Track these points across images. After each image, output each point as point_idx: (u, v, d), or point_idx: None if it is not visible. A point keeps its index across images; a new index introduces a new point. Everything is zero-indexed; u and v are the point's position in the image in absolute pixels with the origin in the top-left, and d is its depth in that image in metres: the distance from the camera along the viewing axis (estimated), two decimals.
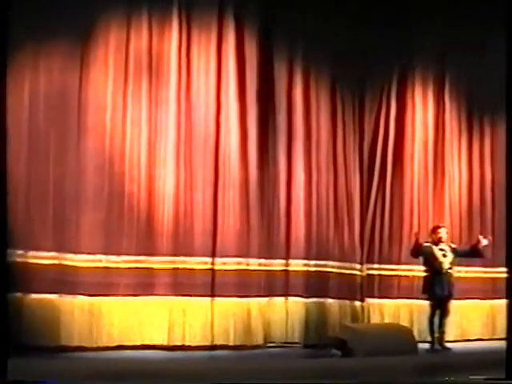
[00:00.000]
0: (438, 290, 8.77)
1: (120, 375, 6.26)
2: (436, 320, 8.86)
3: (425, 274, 9.00)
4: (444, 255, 8.86)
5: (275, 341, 8.80)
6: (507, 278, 6.62)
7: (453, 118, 10.42)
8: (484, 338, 10.06)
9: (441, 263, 8.82)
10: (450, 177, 10.29)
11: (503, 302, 9.88)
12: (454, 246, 9.08)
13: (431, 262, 8.86)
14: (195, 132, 8.67)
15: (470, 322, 10.11)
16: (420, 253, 8.91)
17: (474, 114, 10.59)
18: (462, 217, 10.31)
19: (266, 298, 8.82)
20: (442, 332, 8.86)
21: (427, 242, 8.94)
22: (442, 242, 8.93)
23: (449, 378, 6.84)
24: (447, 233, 9.10)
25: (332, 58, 9.64)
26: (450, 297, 8.89)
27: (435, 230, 9.07)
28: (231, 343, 8.50)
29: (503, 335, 9.76)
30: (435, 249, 8.88)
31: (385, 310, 9.65)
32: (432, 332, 8.84)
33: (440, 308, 8.87)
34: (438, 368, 7.37)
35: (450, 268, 8.87)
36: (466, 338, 9.94)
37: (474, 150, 10.55)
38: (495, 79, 10.27)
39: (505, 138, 10.47)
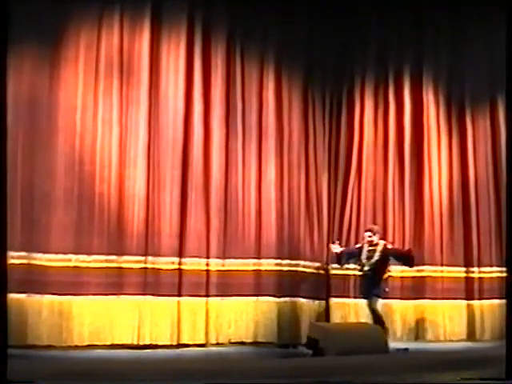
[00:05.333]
0: (363, 289, 8.92)
1: (90, 375, 6.27)
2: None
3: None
4: (369, 257, 8.88)
5: (246, 340, 8.81)
6: (507, 278, 6.60)
7: (431, 116, 10.34)
8: (465, 338, 10.02)
9: (362, 265, 8.91)
10: (428, 175, 10.20)
11: (488, 303, 10.01)
12: (390, 246, 9.09)
13: (353, 254, 9.04)
14: (163, 133, 8.71)
15: (453, 323, 10.05)
16: (344, 259, 9.04)
17: (453, 112, 10.51)
18: (442, 215, 10.18)
19: (236, 298, 8.83)
20: None
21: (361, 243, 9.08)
22: (370, 244, 8.94)
23: (422, 377, 6.84)
24: (376, 234, 9.02)
25: (304, 59, 9.67)
26: (372, 295, 8.86)
27: (364, 232, 9.16)
28: (199, 342, 8.53)
29: (485, 336, 9.90)
30: (364, 250, 8.94)
31: (358, 310, 9.57)
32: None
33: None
34: (410, 367, 7.37)
35: (371, 269, 8.84)
36: (449, 339, 9.94)
37: (456, 148, 10.44)
38: (475, 74, 10.43)
39: (489, 135, 10.65)
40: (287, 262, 9.21)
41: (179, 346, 8.41)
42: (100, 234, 8.22)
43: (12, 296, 7.37)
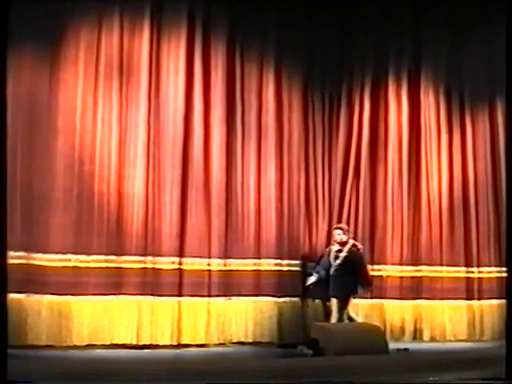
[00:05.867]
0: (332, 290, 8.81)
1: (90, 374, 6.28)
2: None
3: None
4: (336, 257, 8.84)
5: (246, 340, 8.80)
6: (507, 278, 6.61)
7: (430, 116, 10.32)
8: (467, 338, 10.00)
9: (330, 266, 8.85)
10: (427, 175, 10.19)
11: (488, 303, 10.03)
12: (359, 246, 9.04)
13: (327, 264, 8.92)
14: (163, 133, 8.72)
15: (455, 323, 10.02)
16: (322, 273, 8.90)
17: (453, 111, 10.49)
18: (442, 215, 10.16)
19: (235, 298, 8.83)
20: None
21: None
22: (338, 242, 8.91)
23: (422, 377, 6.84)
24: (346, 233, 9.01)
25: (304, 58, 9.66)
26: (342, 296, 8.81)
27: (334, 230, 9.12)
28: (199, 342, 8.52)
29: (485, 336, 9.90)
30: (333, 250, 8.91)
31: (358, 310, 9.54)
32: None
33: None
34: (410, 367, 7.37)
35: (338, 269, 8.79)
36: (449, 339, 9.94)
37: (454, 147, 10.43)
38: (474, 74, 10.43)
39: (488, 134, 10.64)
40: (287, 262, 9.20)
41: (179, 346, 8.41)
42: (100, 234, 8.22)
43: (12, 296, 7.35)
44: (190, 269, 8.62)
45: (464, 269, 10.17)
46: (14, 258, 7.64)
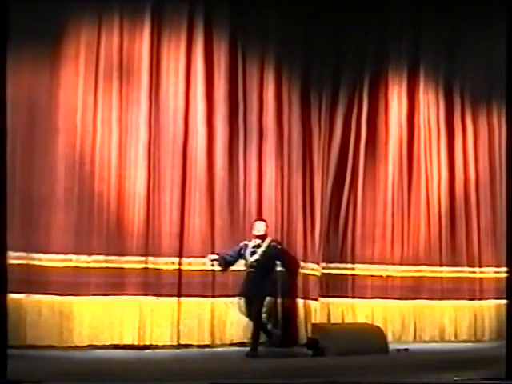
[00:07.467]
0: (243, 289, 8.25)
1: (91, 375, 6.30)
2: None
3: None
4: (253, 252, 8.30)
5: (245, 340, 8.70)
6: (507, 278, 6.60)
7: (430, 115, 10.33)
8: (467, 339, 10.02)
9: (246, 260, 8.30)
10: (427, 175, 10.19)
11: (488, 303, 10.08)
12: (275, 244, 8.45)
13: (235, 257, 8.36)
14: (164, 133, 8.73)
15: (455, 323, 10.03)
16: (222, 261, 8.28)
17: (452, 111, 10.49)
18: (441, 215, 10.18)
19: (235, 298, 8.69)
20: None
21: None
22: (257, 236, 8.39)
23: (422, 377, 6.86)
24: (266, 226, 8.46)
25: (304, 58, 9.62)
26: (256, 296, 8.16)
27: (252, 224, 8.62)
28: (199, 343, 8.53)
29: (485, 336, 9.91)
30: (250, 244, 8.37)
31: (357, 310, 9.58)
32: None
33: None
34: (410, 367, 7.39)
35: (254, 266, 8.22)
36: (449, 339, 9.94)
37: (455, 148, 10.43)
38: (473, 73, 10.44)
39: (487, 134, 10.65)
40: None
41: (179, 346, 8.42)
42: (100, 234, 8.24)
43: (12, 296, 7.36)
44: (192, 269, 8.61)
45: (464, 269, 10.18)
46: (15, 258, 7.67)
